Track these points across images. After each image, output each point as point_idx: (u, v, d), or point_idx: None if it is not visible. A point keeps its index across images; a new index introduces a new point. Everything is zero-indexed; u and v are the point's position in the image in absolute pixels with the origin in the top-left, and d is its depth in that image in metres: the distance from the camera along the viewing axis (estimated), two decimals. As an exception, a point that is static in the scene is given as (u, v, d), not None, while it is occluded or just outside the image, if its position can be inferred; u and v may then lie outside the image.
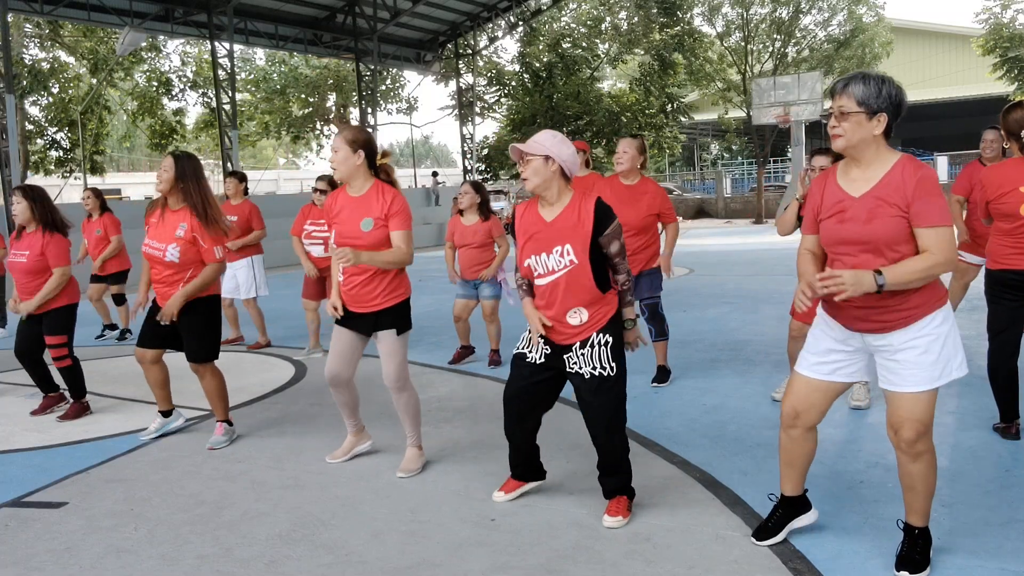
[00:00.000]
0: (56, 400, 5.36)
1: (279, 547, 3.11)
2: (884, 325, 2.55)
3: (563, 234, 3.08)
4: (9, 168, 14.72)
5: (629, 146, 5.08)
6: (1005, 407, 4.01)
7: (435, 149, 76.68)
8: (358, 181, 3.71)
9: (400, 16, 22.79)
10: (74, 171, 25.64)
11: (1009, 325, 3.91)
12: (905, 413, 2.57)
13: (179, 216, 4.30)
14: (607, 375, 3.08)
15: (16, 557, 3.13)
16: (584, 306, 3.10)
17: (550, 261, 3.09)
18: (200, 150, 38.75)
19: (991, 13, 27.92)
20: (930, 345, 2.52)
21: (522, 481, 3.47)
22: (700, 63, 29.54)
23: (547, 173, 3.10)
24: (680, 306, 8.74)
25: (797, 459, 2.87)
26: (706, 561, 2.83)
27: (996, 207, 3.88)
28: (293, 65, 31.13)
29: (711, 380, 5.45)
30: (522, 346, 3.29)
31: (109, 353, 7.62)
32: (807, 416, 2.78)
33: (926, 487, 2.66)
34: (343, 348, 3.83)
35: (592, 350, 3.09)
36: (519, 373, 3.25)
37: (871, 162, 2.53)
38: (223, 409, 4.53)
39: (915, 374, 2.54)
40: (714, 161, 49.72)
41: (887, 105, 2.46)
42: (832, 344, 2.71)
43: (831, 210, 2.60)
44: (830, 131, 2.54)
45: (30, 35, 24.20)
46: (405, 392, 3.84)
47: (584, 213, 3.08)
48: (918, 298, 2.51)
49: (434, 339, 7.44)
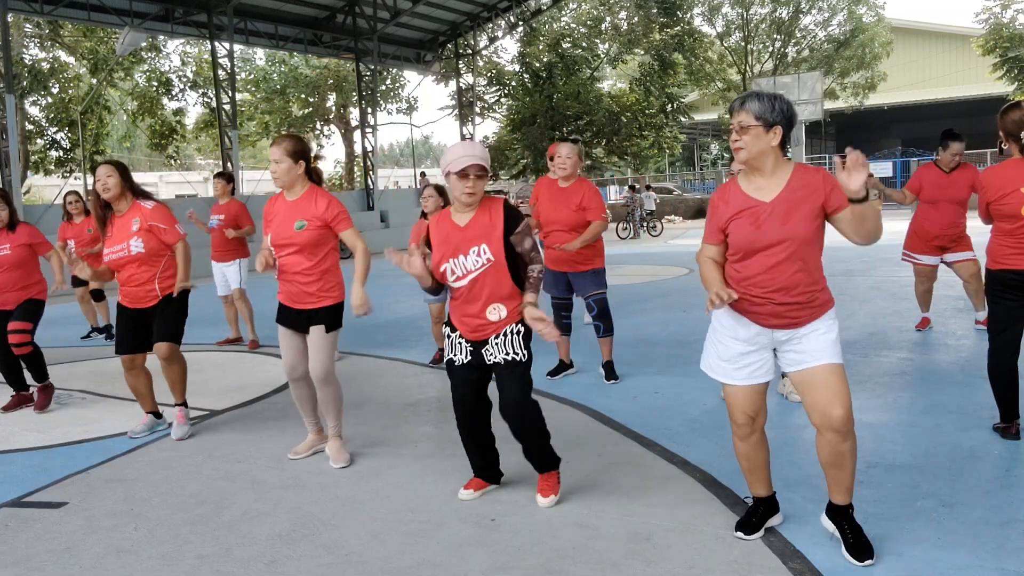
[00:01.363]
0: (27, 399, 5.53)
1: (279, 547, 3.11)
2: (797, 321, 2.74)
3: (478, 235, 3.24)
4: (9, 168, 14.72)
5: (572, 152, 5.23)
6: (1005, 407, 4.01)
7: (435, 149, 76.67)
8: (296, 187, 3.95)
9: (400, 16, 22.79)
10: (74, 171, 25.65)
11: (1009, 325, 3.91)
12: (831, 389, 2.70)
13: (129, 214, 4.50)
14: (519, 360, 3.26)
15: (16, 557, 3.13)
16: (502, 302, 3.25)
17: (468, 262, 3.24)
18: (200, 150, 38.79)
19: (991, 13, 27.96)
20: (829, 328, 2.75)
21: (487, 482, 3.58)
22: (700, 63, 29.57)
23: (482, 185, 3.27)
24: (680, 306, 8.74)
25: (760, 462, 2.98)
26: (706, 561, 2.83)
27: (997, 208, 3.89)
28: (293, 65, 31.14)
29: (711, 380, 5.43)
30: (447, 353, 3.42)
31: (109, 353, 7.62)
32: (760, 419, 2.92)
33: (854, 462, 2.79)
34: (294, 343, 4.02)
35: (506, 338, 3.26)
36: (457, 379, 3.39)
37: (773, 170, 2.72)
38: (182, 392, 4.70)
39: (825, 348, 2.73)
40: (714, 161, 49.74)
41: (781, 119, 2.67)
42: (741, 347, 2.85)
43: (740, 215, 2.74)
44: (732, 145, 2.74)
45: (30, 35, 24.21)
46: (331, 385, 4.00)
47: (495, 215, 3.25)
48: (823, 295, 2.76)
49: (430, 339, 7.44)
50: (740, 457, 3.00)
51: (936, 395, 4.71)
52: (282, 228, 3.90)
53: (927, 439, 3.98)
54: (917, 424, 4.22)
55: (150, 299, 4.52)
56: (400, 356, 6.72)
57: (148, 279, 4.50)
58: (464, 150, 3.21)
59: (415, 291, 11.43)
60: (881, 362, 5.62)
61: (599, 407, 4.83)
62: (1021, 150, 3.85)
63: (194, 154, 44.00)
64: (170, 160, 30.84)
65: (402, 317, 9.08)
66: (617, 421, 4.54)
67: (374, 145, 23.76)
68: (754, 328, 2.82)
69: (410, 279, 13.21)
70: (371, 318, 8.78)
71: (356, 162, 31.40)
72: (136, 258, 4.43)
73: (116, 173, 4.47)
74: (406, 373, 6.10)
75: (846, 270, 10.88)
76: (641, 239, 21.33)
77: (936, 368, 5.40)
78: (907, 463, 3.66)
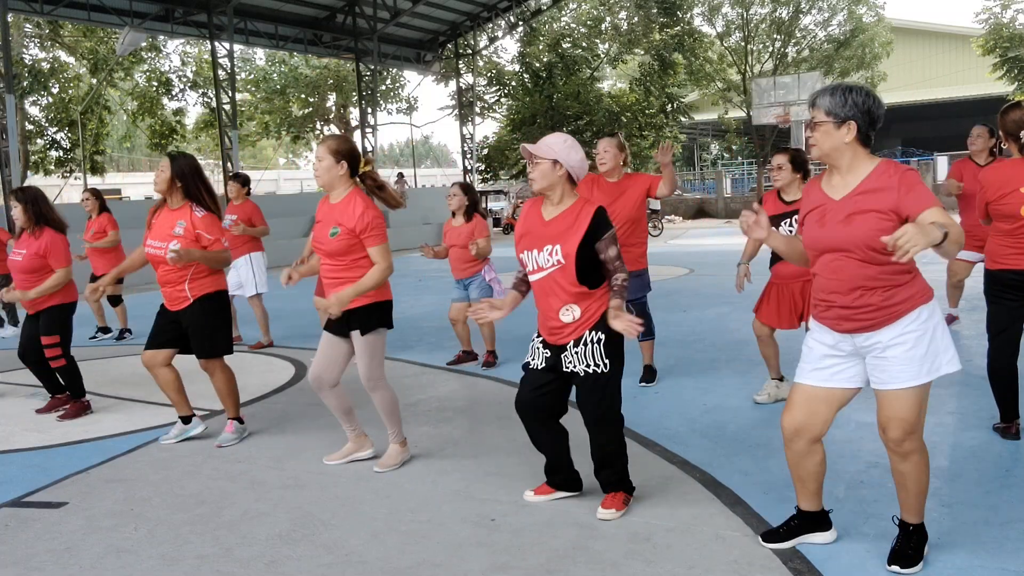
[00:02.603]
0: (63, 401, 5.36)
1: (279, 547, 3.11)
2: (871, 323, 2.58)
3: (556, 235, 3.16)
4: (9, 168, 14.72)
5: (610, 145, 5.18)
6: (1005, 407, 4.00)
7: (435, 149, 76.64)
8: (338, 189, 3.81)
9: (400, 16, 22.78)
10: (74, 171, 25.65)
11: (1009, 325, 3.91)
12: (892, 412, 2.61)
13: (178, 214, 4.33)
14: (601, 372, 3.12)
15: (16, 557, 3.13)
16: (574, 302, 3.14)
17: (540, 258, 3.18)
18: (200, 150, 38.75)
19: (991, 13, 27.93)
20: (918, 340, 2.56)
21: (554, 488, 3.47)
22: (700, 63, 29.54)
23: (554, 177, 3.18)
24: (680, 306, 8.74)
25: (806, 473, 2.85)
26: (706, 561, 2.83)
27: (996, 208, 3.88)
28: (293, 65, 31.12)
29: (711, 380, 5.45)
30: (528, 356, 3.34)
31: (109, 353, 7.62)
32: (808, 429, 2.75)
33: (917, 486, 2.69)
34: (327, 352, 3.91)
35: (586, 348, 3.13)
36: (524, 381, 3.32)
37: (850, 168, 2.62)
38: (234, 407, 4.54)
39: (904, 370, 2.57)
40: (714, 161, 49.71)
41: (855, 113, 2.55)
42: (825, 351, 2.74)
43: (811, 212, 2.68)
44: (808, 141, 2.67)
45: (30, 35, 24.20)
46: (377, 392, 3.89)
47: (582, 218, 3.15)
48: (903, 293, 2.56)
49: (433, 340, 7.44)
50: (788, 461, 2.88)
51: (936, 395, 4.70)
52: (319, 231, 3.82)
53: (927, 439, 3.94)
54: (917, 424, 4.21)
55: (181, 301, 4.36)
56: (400, 356, 6.72)
57: (179, 280, 4.32)
58: (546, 138, 3.21)
59: (414, 291, 11.43)
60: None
61: (599, 407, 4.82)
62: (1021, 150, 3.85)
63: (194, 154, 43.99)
64: (170, 160, 30.77)
65: (402, 317, 9.07)
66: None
67: (374, 145, 23.76)
68: (835, 335, 2.68)
69: (408, 278, 13.21)
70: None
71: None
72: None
73: (168, 169, 4.29)
74: (406, 373, 6.10)
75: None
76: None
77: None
78: (907, 463, 3.65)
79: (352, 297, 3.71)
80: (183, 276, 4.32)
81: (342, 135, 3.97)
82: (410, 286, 12.11)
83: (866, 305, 2.56)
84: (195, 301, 4.33)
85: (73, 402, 5.24)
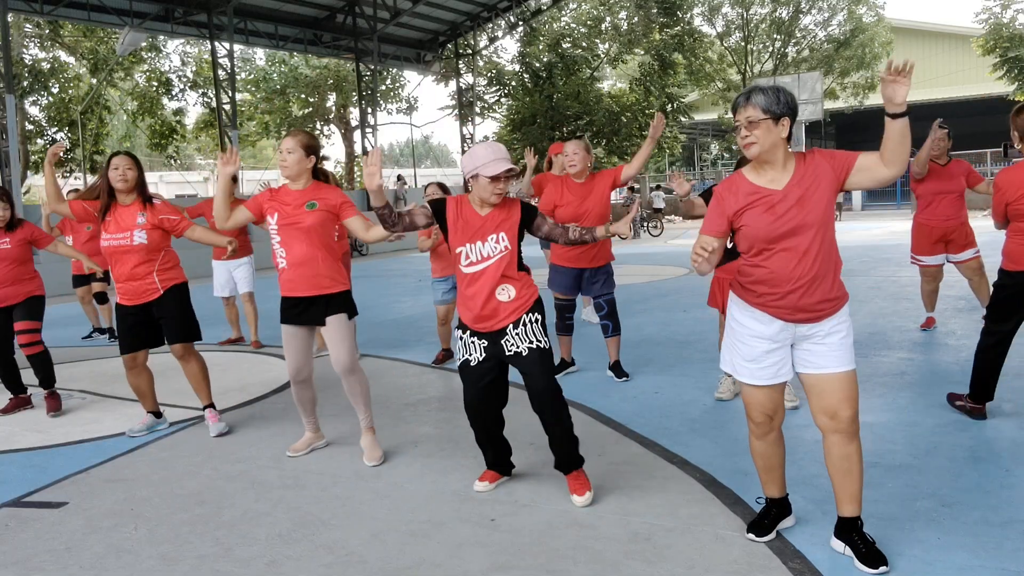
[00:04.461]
0: (24, 402, 5.48)
1: (279, 547, 3.11)
2: (819, 314, 2.72)
3: (498, 224, 3.36)
4: (9, 168, 14.72)
5: (578, 147, 5.37)
6: (983, 388, 4.16)
7: (435, 149, 76.66)
8: (301, 180, 4.01)
9: (400, 16, 22.79)
10: (74, 171, 25.65)
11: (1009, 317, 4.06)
12: (844, 393, 2.71)
13: (133, 208, 4.51)
14: (544, 347, 3.33)
15: (16, 557, 3.13)
16: (510, 283, 3.33)
17: (485, 248, 3.34)
18: (200, 150, 38.78)
19: (991, 13, 27.96)
20: (848, 330, 2.76)
21: (500, 474, 3.65)
22: (700, 63, 29.56)
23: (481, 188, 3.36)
24: (680, 306, 8.74)
25: (776, 461, 2.96)
26: (706, 561, 2.83)
27: (1016, 208, 4.01)
28: (293, 65, 31.12)
29: (711, 380, 5.45)
30: (461, 355, 3.44)
31: (110, 353, 7.62)
32: (778, 417, 2.90)
33: (861, 467, 2.78)
34: (298, 344, 4.05)
35: (525, 328, 3.32)
36: (468, 380, 3.42)
37: (784, 162, 2.70)
38: (208, 392, 4.71)
39: (843, 354, 2.73)
40: (714, 161, 49.71)
41: (787, 110, 2.65)
42: (765, 345, 2.79)
43: (753, 205, 2.69)
44: (740, 141, 2.69)
45: (30, 35, 24.20)
46: (355, 374, 4.01)
47: (512, 208, 3.41)
48: (840, 289, 2.76)
49: (433, 340, 7.44)
50: (756, 456, 2.96)
51: (936, 395, 4.71)
52: (292, 211, 3.94)
53: (927, 439, 3.98)
54: (917, 424, 4.22)
55: (150, 293, 4.50)
56: (400, 356, 6.72)
57: (147, 272, 4.49)
58: (494, 153, 3.29)
59: (415, 291, 11.43)
60: (881, 362, 5.62)
61: (599, 407, 4.83)
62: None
63: (194, 154, 43.97)
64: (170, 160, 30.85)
65: (402, 317, 9.08)
66: (617, 421, 4.54)
67: (374, 145, 23.77)
68: (777, 324, 2.76)
69: (410, 279, 13.22)
70: (371, 318, 8.79)
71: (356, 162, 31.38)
72: (136, 248, 4.43)
73: (136, 168, 4.53)
74: (406, 373, 6.10)
75: (847, 270, 10.85)
76: (641, 239, 21.33)
77: (936, 368, 5.40)
78: (907, 463, 3.66)
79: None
80: (151, 268, 4.50)
81: (311, 133, 4.23)
82: (410, 286, 12.12)
83: (822, 296, 2.69)
84: (166, 291, 4.53)
85: (49, 395, 5.36)
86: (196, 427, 4.84)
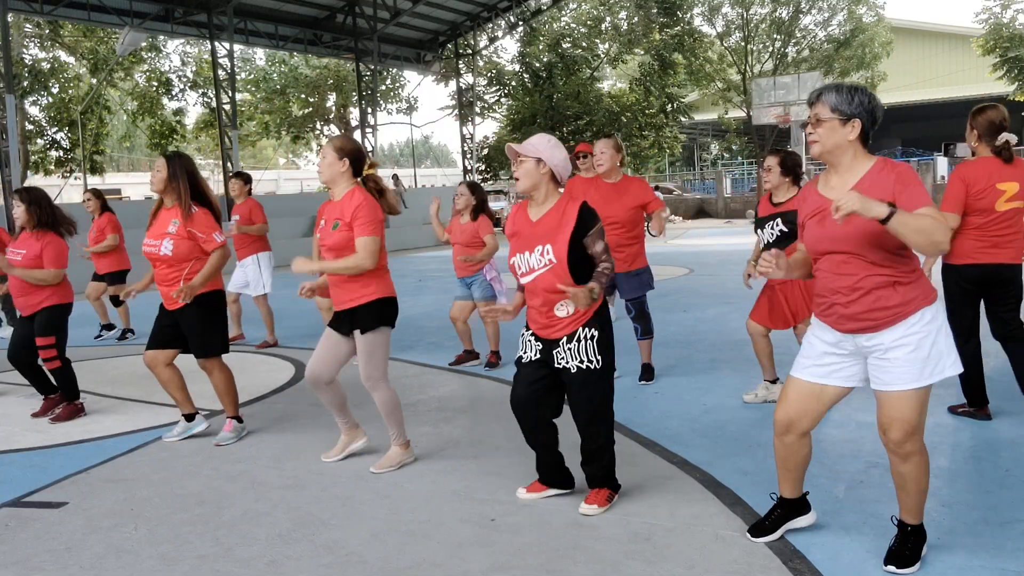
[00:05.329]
0: (56, 402, 5.31)
1: (279, 547, 3.11)
2: (873, 324, 2.57)
3: (545, 234, 3.20)
4: (9, 168, 14.73)
5: (606, 146, 5.23)
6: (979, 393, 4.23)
7: (435, 149, 76.66)
8: (339, 186, 3.84)
9: (400, 16, 22.78)
10: (74, 171, 25.66)
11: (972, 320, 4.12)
12: (893, 413, 2.60)
13: (171, 213, 4.38)
14: (593, 368, 3.16)
15: (16, 557, 3.13)
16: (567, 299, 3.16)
17: (531, 259, 3.21)
18: (200, 150, 38.76)
19: (991, 13, 27.94)
20: (921, 342, 2.54)
21: (546, 486, 3.48)
22: (700, 63, 29.55)
23: (537, 175, 3.25)
24: (680, 306, 8.74)
25: (793, 463, 2.89)
26: (706, 561, 2.83)
27: (974, 203, 3.99)
28: (293, 65, 31.14)
29: (711, 380, 5.45)
30: (519, 351, 3.37)
31: (109, 353, 7.62)
32: (800, 424, 2.79)
33: (917, 487, 2.69)
34: (325, 349, 3.91)
35: (579, 344, 3.17)
36: (518, 376, 3.34)
37: (849, 167, 2.62)
38: (232, 405, 4.55)
39: (906, 372, 2.55)
40: (714, 161, 49.71)
41: (860, 111, 2.55)
42: (825, 348, 2.73)
43: (812, 217, 2.66)
44: (807, 138, 2.62)
45: (30, 35, 24.21)
46: (376, 392, 3.87)
47: (568, 215, 3.20)
48: (906, 294, 2.54)
49: (433, 339, 7.44)
50: (775, 450, 2.91)
51: (936, 395, 4.69)
52: (323, 229, 3.86)
53: (927, 439, 3.95)
54: (917, 424, 4.21)
55: (175, 303, 4.36)
56: (401, 356, 6.72)
57: (174, 280, 4.35)
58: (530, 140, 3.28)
59: (415, 291, 11.42)
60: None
61: (599, 407, 4.82)
62: (993, 149, 3.98)
63: (194, 154, 44.03)
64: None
65: (402, 317, 9.02)
66: (617, 421, 4.53)
67: (374, 145, 23.76)
68: (836, 334, 2.68)
69: (409, 279, 13.20)
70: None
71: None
72: (164, 259, 4.34)
73: (165, 169, 4.34)
74: (406, 373, 6.10)
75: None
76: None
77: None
78: (907, 463, 3.66)
79: (318, 271, 3.78)
80: (178, 277, 4.35)
81: (349, 136, 4.04)
82: (410, 286, 12.11)
83: (868, 306, 2.55)
84: (190, 303, 4.32)
85: (66, 404, 5.19)
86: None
